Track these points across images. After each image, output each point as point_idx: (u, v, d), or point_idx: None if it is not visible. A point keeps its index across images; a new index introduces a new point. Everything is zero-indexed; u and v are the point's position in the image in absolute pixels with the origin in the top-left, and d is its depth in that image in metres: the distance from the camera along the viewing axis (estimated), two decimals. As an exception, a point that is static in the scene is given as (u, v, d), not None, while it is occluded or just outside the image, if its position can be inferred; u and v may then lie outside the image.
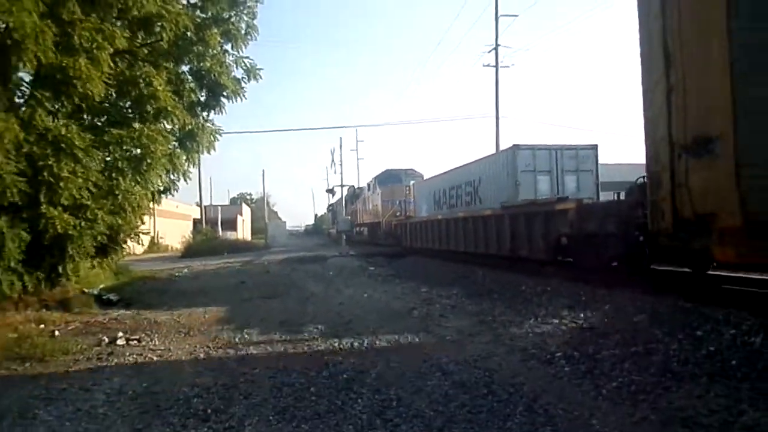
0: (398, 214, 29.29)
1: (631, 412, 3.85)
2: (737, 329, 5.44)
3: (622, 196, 9.54)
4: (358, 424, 3.87)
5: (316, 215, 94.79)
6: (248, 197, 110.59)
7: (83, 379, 5.42)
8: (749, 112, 5.45)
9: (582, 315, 7.10)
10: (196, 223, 46.50)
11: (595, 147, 15.52)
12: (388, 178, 32.19)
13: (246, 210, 76.41)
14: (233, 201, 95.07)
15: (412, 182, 28.38)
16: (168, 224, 45.66)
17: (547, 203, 12.18)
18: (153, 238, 41.63)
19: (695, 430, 3.50)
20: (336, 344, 6.52)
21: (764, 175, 5.38)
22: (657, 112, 7.03)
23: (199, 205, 45.02)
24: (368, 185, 36.34)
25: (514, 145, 15.20)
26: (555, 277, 10.11)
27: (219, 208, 56.50)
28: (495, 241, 14.17)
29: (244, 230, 66.52)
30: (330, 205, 57.07)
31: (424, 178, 27.22)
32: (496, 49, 29.90)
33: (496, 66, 29.78)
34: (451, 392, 4.46)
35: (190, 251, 32.99)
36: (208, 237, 39.64)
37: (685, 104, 6.40)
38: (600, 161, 15.27)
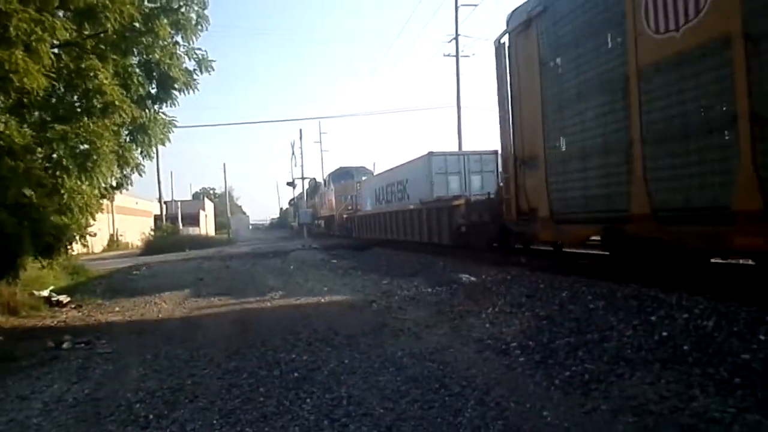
0: (350, 208, 31.72)
1: (583, 401, 3.80)
2: (690, 313, 5.48)
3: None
4: (304, 426, 3.73)
5: (281, 209, 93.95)
6: (211, 192, 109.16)
7: (22, 388, 5.16)
8: (549, 141, 8.71)
9: (540, 303, 7.09)
10: (157, 219, 45.62)
11: (495, 152, 17.75)
12: (342, 175, 34.84)
13: (209, 205, 75.43)
14: (196, 196, 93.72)
15: (363, 178, 30.75)
16: (127, 221, 44.74)
17: (448, 200, 15.36)
18: (112, 235, 40.77)
19: (645, 418, 3.46)
20: (291, 341, 6.37)
21: (556, 183, 8.61)
22: (507, 135, 10.04)
23: (159, 200, 44.08)
24: (324, 181, 38.51)
25: (429, 152, 18.48)
26: (516, 266, 10.13)
27: (179, 203, 55.58)
28: (417, 230, 17.56)
29: (207, 225, 65.69)
30: (292, 199, 57.86)
31: (374, 175, 29.90)
32: (456, 38, 30.00)
33: (456, 56, 29.89)
34: (403, 388, 4.35)
35: (150, 248, 32.39)
36: (169, 233, 38.88)
37: (522, 132, 9.55)
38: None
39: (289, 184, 42.67)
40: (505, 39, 9.87)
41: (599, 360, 4.60)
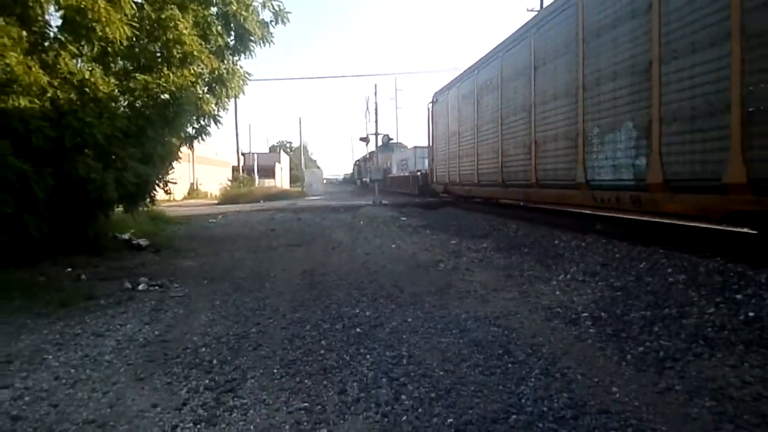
0: (387, 171, 46.12)
1: (656, 380, 3.58)
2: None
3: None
4: (362, 382, 3.70)
5: (354, 164, 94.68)
6: (288, 145, 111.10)
7: (98, 325, 5.40)
8: (436, 152, 22.39)
9: (615, 273, 6.77)
10: (234, 170, 46.91)
11: None
12: (385, 148, 48.39)
13: (284, 158, 76.77)
14: (272, 149, 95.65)
15: (402, 150, 46.13)
16: (207, 171, 46.26)
17: (415, 171, 32.36)
18: (192, 184, 42.29)
19: (724, 403, 3.21)
20: (356, 296, 6.37)
21: (437, 169, 22.17)
22: (429, 146, 23.79)
23: (237, 152, 45.23)
24: (376, 150, 48.68)
25: (414, 146, 37.50)
26: (590, 233, 9.73)
27: (255, 155, 56.79)
28: (408, 186, 32.42)
29: (282, 178, 66.99)
30: (358, 160, 72.06)
31: (408, 149, 45.19)
32: (541, -8, 28.59)
33: (541, 8, 28.46)
34: (466, 351, 4.24)
35: (227, 198, 33.41)
36: (245, 184, 39.93)
37: (432, 146, 22.97)
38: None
39: (362, 139, 42.61)
40: (429, 106, 22.50)
41: (676, 337, 4.32)
